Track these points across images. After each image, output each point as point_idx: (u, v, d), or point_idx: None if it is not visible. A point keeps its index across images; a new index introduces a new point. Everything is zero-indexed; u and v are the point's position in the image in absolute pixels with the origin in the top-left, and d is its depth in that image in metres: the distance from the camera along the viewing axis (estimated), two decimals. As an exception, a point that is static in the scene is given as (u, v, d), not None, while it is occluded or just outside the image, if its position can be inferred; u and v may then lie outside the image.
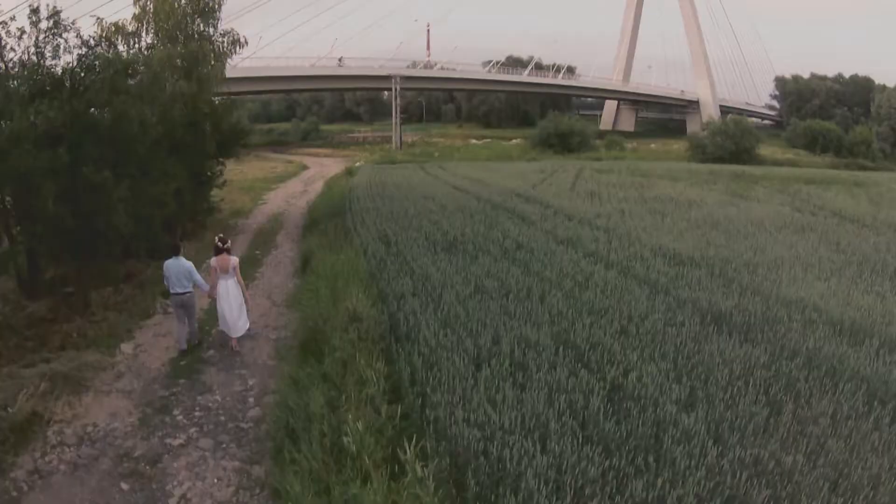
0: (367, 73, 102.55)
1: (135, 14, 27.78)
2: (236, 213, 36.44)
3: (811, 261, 19.25)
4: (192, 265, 16.20)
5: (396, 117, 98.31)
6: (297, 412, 10.91)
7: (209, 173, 30.24)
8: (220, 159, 31.55)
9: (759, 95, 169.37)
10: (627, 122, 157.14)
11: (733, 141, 76.27)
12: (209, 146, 28.53)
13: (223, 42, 29.56)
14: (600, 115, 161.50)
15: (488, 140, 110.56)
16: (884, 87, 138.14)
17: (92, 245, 18.91)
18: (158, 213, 20.90)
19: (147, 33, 27.70)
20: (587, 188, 36.31)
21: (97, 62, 19.43)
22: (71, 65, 19.05)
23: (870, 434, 9.11)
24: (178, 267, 15.82)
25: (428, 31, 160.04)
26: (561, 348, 11.67)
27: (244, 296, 16.44)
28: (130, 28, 27.54)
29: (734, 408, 9.72)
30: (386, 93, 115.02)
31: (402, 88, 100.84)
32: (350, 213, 27.50)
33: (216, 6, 29.13)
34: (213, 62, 28.53)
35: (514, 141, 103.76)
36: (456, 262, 17.84)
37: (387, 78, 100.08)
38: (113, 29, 27.21)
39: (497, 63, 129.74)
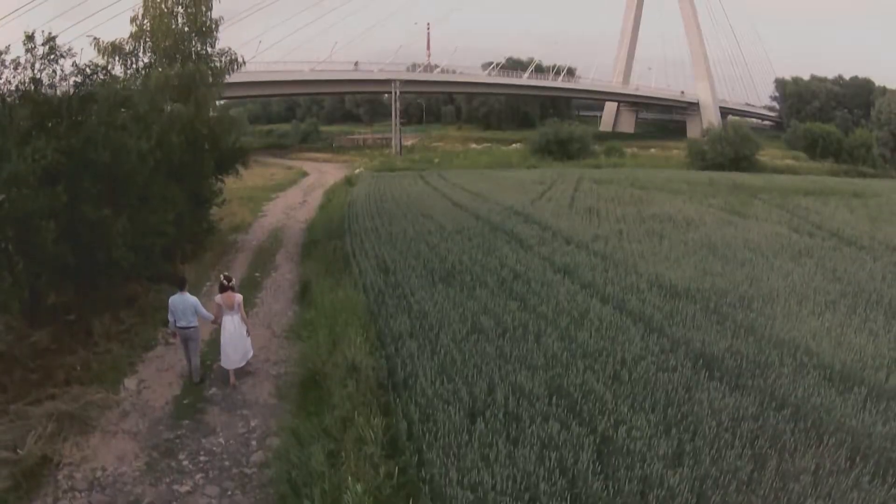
0: (367, 78, 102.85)
1: (132, 32, 27.98)
2: (236, 229, 36.54)
3: (806, 292, 19.34)
4: (198, 300, 16.68)
5: (396, 122, 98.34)
6: (300, 466, 11.22)
7: (208, 192, 30.25)
8: (220, 177, 31.71)
9: (758, 96, 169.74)
10: (627, 124, 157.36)
11: (733, 148, 76.26)
12: (207, 167, 28.80)
13: (221, 61, 29.79)
14: (600, 117, 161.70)
15: (488, 145, 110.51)
16: (884, 90, 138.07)
17: (93, 276, 19.15)
18: (158, 242, 21.01)
19: (144, 53, 27.92)
20: (586, 204, 36.36)
21: (94, 95, 19.49)
22: (68, 94, 19.07)
23: (849, 492, 9.33)
24: (184, 303, 16.28)
25: (428, 31, 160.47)
26: (554, 397, 11.93)
27: (247, 328, 16.94)
28: (128, 47, 27.78)
29: (719, 462, 9.96)
30: (386, 95, 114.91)
31: (401, 92, 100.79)
32: (349, 235, 27.76)
33: (213, 26, 29.35)
34: (210, 82, 28.68)
35: (514, 146, 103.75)
36: (453, 297, 18.03)
37: (386, 82, 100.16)
38: (110, 49, 27.52)
39: (497, 65, 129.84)
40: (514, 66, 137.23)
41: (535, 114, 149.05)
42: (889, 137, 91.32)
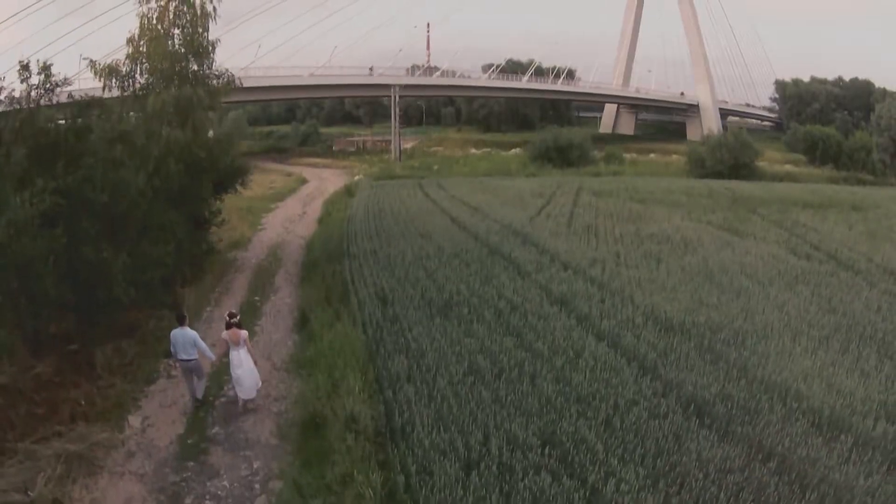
0: (367, 82, 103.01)
1: (128, 53, 28.14)
2: (235, 245, 36.67)
3: (801, 326, 19.56)
4: (197, 334, 17.41)
5: (395, 127, 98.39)
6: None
7: (208, 213, 30.51)
8: (219, 197, 32.02)
9: (758, 96, 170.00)
10: (627, 125, 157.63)
11: (732, 155, 76.25)
12: (206, 189, 29.03)
13: (218, 83, 30.07)
14: (600, 118, 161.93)
15: (487, 150, 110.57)
16: (884, 92, 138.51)
17: (93, 311, 19.42)
18: (158, 273, 21.25)
19: (141, 74, 28.13)
20: (584, 221, 36.58)
21: (91, 127, 19.74)
22: (64, 127, 19.28)
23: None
24: (185, 337, 17.09)
25: (428, 33, 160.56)
26: (547, 447, 12.27)
27: (254, 360, 17.61)
28: (124, 69, 28.02)
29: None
30: (385, 98, 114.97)
31: (401, 96, 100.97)
32: (348, 258, 27.91)
33: (210, 48, 29.60)
34: (208, 104, 28.94)
35: (513, 151, 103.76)
36: (450, 333, 18.32)
37: (386, 86, 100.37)
38: (106, 71, 27.78)
39: (497, 67, 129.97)
40: (514, 67, 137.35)
41: (534, 115, 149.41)
42: (889, 143, 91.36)
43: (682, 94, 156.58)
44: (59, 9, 71.26)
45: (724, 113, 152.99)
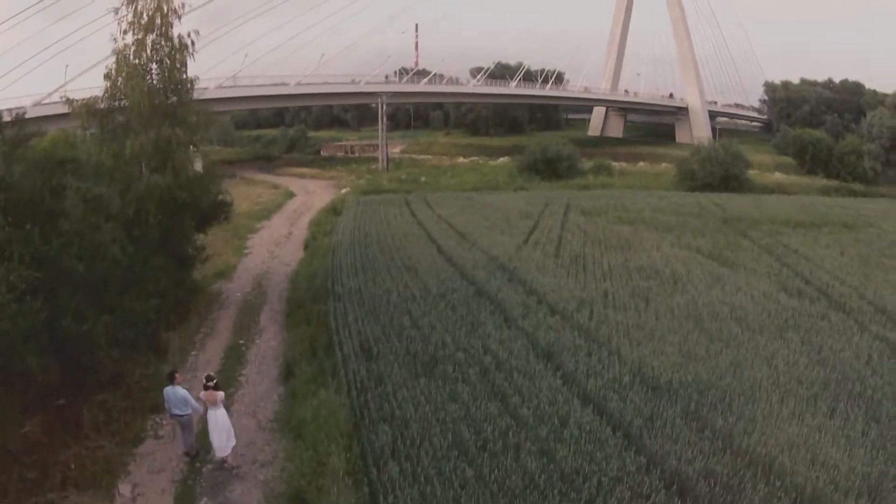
0: (354, 91, 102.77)
1: (106, 89, 27.93)
2: (220, 274, 36.34)
3: (789, 384, 19.46)
4: (188, 393, 17.89)
5: (383, 136, 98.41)
6: None
7: (192, 250, 30.29)
8: (203, 230, 31.93)
9: (747, 96, 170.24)
10: (616, 128, 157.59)
11: (723, 167, 76.20)
12: (189, 228, 28.94)
13: (197, 120, 29.87)
14: (588, 120, 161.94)
15: (475, 158, 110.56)
16: (875, 93, 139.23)
17: (78, 373, 19.22)
18: (143, 329, 21.08)
19: (120, 111, 27.83)
20: (572, 250, 36.52)
21: (66, 187, 19.42)
22: (38, 186, 18.82)
23: None
24: (176, 395, 17.73)
25: (416, 36, 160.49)
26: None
27: (229, 421, 17.87)
28: (102, 105, 27.74)
29: None
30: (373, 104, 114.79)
31: (388, 103, 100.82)
32: (333, 299, 27.61)
33: (189, 84, 29.38)
34: (187, 142, 28.68)
35: (501, 160, 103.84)
36: (435, 397, 18.18)
37: (373, 94, 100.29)
38: (84, 109, 27.54)
39: (486, 71, 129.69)
40: (503, 71, 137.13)
41: (523, 119, 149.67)
42: (880, 151, 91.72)
43: (671, 95, 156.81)
44: (54, 12, 70.40)
45: (714, 114, 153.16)
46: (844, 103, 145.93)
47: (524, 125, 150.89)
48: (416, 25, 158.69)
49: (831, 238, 43.15)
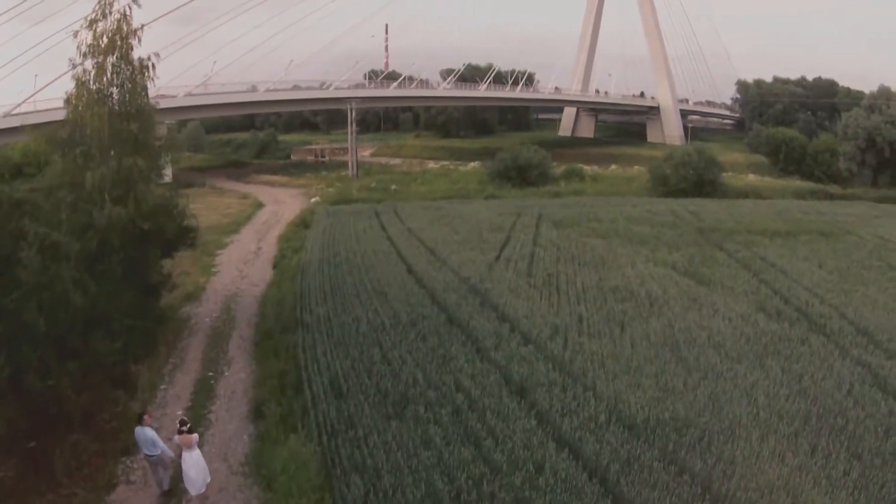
0: (323, 97, 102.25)
1: (67, 115, 27.29)
2: (188, 297, 35.68)
3: (769, 420, 19.18)
4: (155, 434, 18.11)
5: (353, 144, 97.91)
6: None
7: (158, 277, 29.57)
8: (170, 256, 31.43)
9: (719, 94, 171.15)
10: (587, 128, 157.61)
11: (696, 172, 75.78)
12: (154, 257, 28.50)
13: (160, 146, 29.33)
14: (559, 120, 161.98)
15: (446, 163, 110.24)
16: (849, 91, 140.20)
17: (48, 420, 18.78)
18: (110, 372, 20.66)
19: (81, 140, 27.14)
20: (545, 268, 36.01)
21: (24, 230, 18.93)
22: None
23: None
24: (145, 436, 17.91)
25: (386, 37, 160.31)
26: None
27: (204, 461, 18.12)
28: (63, 134, 27.11)
29: None
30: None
31: (357, 108, 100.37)
32: (302, 329, 27.07)
33: (150, 110, 28.78)
34: (149, 169, 28.05)
35: (471, 165, 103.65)
36: (407, 443, 17.81)
37: (343, 99, 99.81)
38: (45, 138, 26.94)
39: (456, 73, 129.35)
40: (473, 73, 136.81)
41: (493, 120, 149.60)
42: (856, 152, 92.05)
43: (642, 94, 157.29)
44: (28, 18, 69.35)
45: (685, 113, 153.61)
46: (818, 101, 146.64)
47: (495, 126, 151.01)
48: (386, 27, 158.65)
49: (809, 248, 42.98)
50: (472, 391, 20.70)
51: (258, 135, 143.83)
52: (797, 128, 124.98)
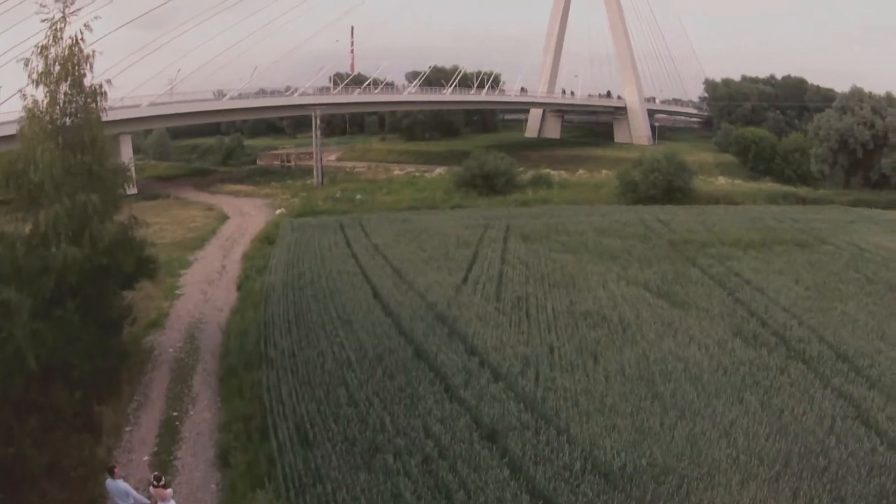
0: (288, 104, 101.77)
1: (19, 152, 26.54)
2: (152, 324, 34.96)
3: (749, 462, 18.81)
4: (128, 485, 17.91)
5: (318, 151, 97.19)
6: None
7: (120, 312, 28.84)
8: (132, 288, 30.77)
9: (686, 92, 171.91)
10: (554, 129, 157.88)
11: (666, 179, 75.22)
12: (114, 292, 27.93)
13: (115, 179, 28.70)
14: (525, 121, 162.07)
15: (411, 170, 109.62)
16: (818, 89, 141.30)
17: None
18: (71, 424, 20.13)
19: (35, 173, 26.30)
20: (514, 290, 35.43)
21: None
22: None
23: None
24: (117, 488, 17.61)
25: (352, 43, 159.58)
26: None
27: None
28: (19, 165, 26.33)
29: None
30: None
31: (322, 114, 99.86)
32: (266, 366, 26.50)
33: (104, 140, 28.06)
34: (104, 206, 27.33)
35: (437, 172, 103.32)
36: (377, 500, 17.35)
37: (307, 106, 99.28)
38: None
39: (421, 76, 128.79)
40: (438, 75, 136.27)
41: (459, 122, 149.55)
42: (828, 153, 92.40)
43: (609, 94, 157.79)
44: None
45: (652, 112, 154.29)
46: (787, 99, 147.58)
47: (461, 128, 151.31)
48: (352, 29, 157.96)
49: (784, 261, 42.75)
50: (442, 437, 20.23)
51: (224, 140, 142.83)
52: (766, 127, 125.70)
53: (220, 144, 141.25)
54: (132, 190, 33.36)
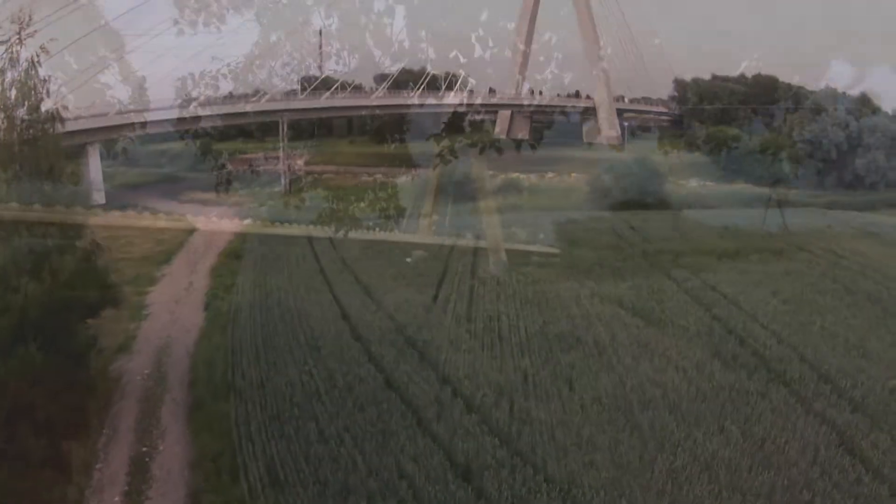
0: (255, 109, 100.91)
1: None
2: (119, 349, 34.02)
3: (732, 499, 18.88)
4: None
5: (284, 157, 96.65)
6: None
7: (85, 344, 28.10)
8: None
9: (656, 91, 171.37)
10: (522, 129, 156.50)
11: (638, 184, 74.88)
12: (79, 327, 27.44)
13: (77, 206, 28.16)
14: (494, 121, 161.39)
15: (380, 176, 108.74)
16: (789, 87, 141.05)
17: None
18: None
19: None
20: (485, 309, 35.23)
21: None
22: None
23: None
24: None
25: (321, 48, 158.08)
26: None
27: None
28: None
29: None
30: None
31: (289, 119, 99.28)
32: (234, 397, 26.29)
33: (62, 167, 27.52)
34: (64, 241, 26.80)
35: (406, 177, 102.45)
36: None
37: (275, 112, 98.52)
38: None
39: (389, 79, 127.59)
40: (407, 77, 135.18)
41: (428, 123, 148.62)
42: (802, 154, 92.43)
43: (577, 93, 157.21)
44: None
45: (621, 111, 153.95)
46: (759, 98, 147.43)
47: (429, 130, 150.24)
48: (321, 31, 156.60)
49: (761, 271, 42.56)
50: (416, 477, 20.03)
51: (193, 145, 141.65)
52: (738, 126, 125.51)
53: (189, 150, 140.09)
54: (101, 200, 32.82)
